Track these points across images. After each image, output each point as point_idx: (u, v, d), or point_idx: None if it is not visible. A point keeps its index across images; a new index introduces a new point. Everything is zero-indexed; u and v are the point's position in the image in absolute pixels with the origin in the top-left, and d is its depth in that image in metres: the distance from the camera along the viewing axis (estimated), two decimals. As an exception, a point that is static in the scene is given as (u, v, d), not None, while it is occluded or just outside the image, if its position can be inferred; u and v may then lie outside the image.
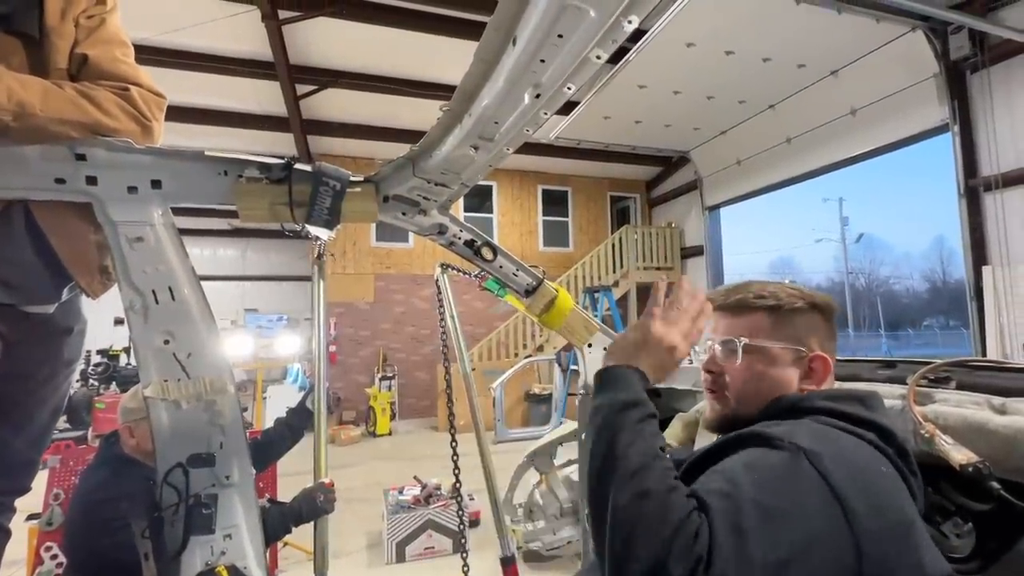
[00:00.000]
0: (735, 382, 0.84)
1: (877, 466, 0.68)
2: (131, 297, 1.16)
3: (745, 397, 0.83)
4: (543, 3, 0.53)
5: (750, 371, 0.83)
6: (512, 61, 0.65)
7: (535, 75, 0.67)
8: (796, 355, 0.84)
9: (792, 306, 0.85)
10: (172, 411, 1.22)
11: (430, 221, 1.35)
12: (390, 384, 8.89)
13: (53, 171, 1.05)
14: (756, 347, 0.83)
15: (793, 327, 0.85)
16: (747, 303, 0.87)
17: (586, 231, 11.40)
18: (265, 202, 1.17)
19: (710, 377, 0.87)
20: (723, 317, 0.89)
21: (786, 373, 0.83)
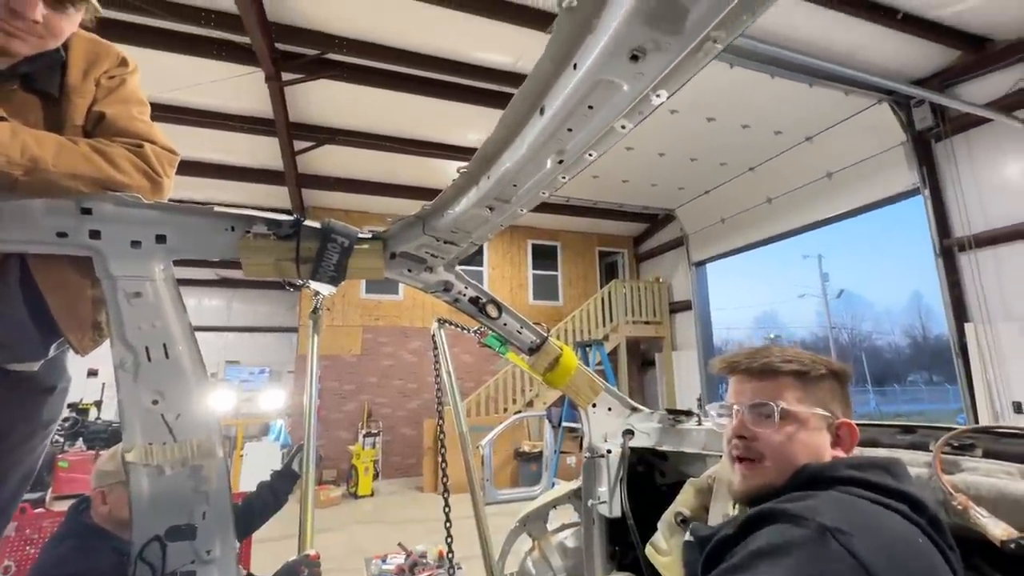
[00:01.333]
0: (772, 449, 0.80)
1: (913, 540, 0.65)
2: (123, 354, 1.11)
3: (782, 465, 0.79)
4: (578, 77, 0.54)
5: (786, 437, 0.80)
6: (538, 129, 0.66)
7: (560, 142, 0.68)
8: (825, 422, 0.82)
9: (818, 372, 0.84)
10: (154, 477, 1.14)
11: (436, 278, 1.34)
12: (374, 441, 8.54)
13: (56, 225, 1.02)
14: (790, 412, 0.81)
15: (820, 393, 0.83)
16: (774, 367, 0.85)
17: (576, 285, 11.51)
18: (271, 258, 1.15)
19: (742, 443, 0.83)
20: (748, 381, 0.86)
21: (819, 439, 0.81)
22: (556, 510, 3.99)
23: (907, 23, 5.15)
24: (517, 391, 9.27)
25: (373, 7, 5.10)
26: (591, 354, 7.82)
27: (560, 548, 4.05)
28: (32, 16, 0.93)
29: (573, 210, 9.99)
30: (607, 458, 1.50)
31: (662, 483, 1.57)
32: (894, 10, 5.05)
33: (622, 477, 1.46)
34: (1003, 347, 5.62)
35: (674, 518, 1.27)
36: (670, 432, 1.50)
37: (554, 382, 1.48)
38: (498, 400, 9.21)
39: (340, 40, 5.58)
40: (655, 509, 1.36)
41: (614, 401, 1.62)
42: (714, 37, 0.47)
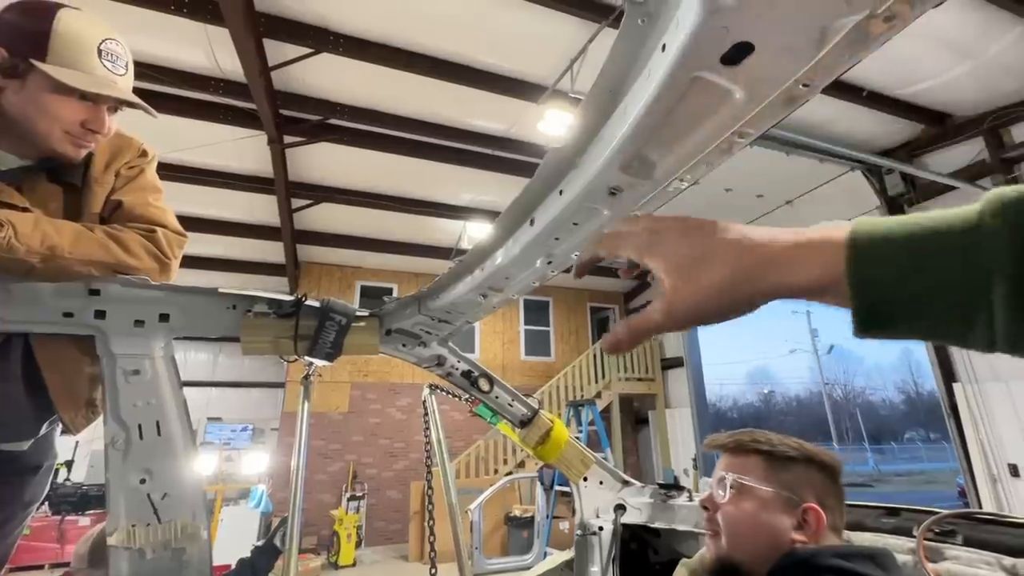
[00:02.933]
0: (725, 522, 0.84)
1: None
2: (115, 432, 1.11)
3: (736, 539, 0.82)
4: (564, 201, 0.61)
5: (740, 511, 0.84)
6: (529, 236, 0.73)
7: (549, 248, 0.74)
8: (788, 503, 0.83)
9: (785, 454, 0.87)
10: (135, 561, 1.10)
11: (429, 353, 1.38)
12: (359, 505, 8.17)
13: (64, 306, 1.06)
14: (746, 487, 0.85)
15: (787, 475, 0.86)
16: (743, 444, 0.90)
17: (567, 340, 11.52)
18: (270, 336, 1.18)
19: (706, 515, 0.88)
20: (724, 456, 0.92)
21: (777, 520, 0.82)
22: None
23: (872, 100, 5.56)
24: (508, 451, 9.03)
25: (373, 77, 5.43)
26: (584, 413, 7.71)
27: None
28: (105, 132, 1.04)
29: None
30: (599, 535, 1.48)
31: (656, 561, 1.54)
32: (859, 88, 5.47)
33: (615, 556, 1.43)
34: (992, 408, 5.65)
35: (668, 602, 1.24)
36: (661, 508, 1.49)
37: (545, 456, 1.48)
38: (488, 461, 8.95)
39: (341, 107, 5.89)
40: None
41: (605, 474, 1.61)
42: (680, 178, 0.54)
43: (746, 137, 0.46)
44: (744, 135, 0.46)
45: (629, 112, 0.46)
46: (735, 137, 0.46)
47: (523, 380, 10.21)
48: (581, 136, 0.52)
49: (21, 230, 0.92)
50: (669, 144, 0.47)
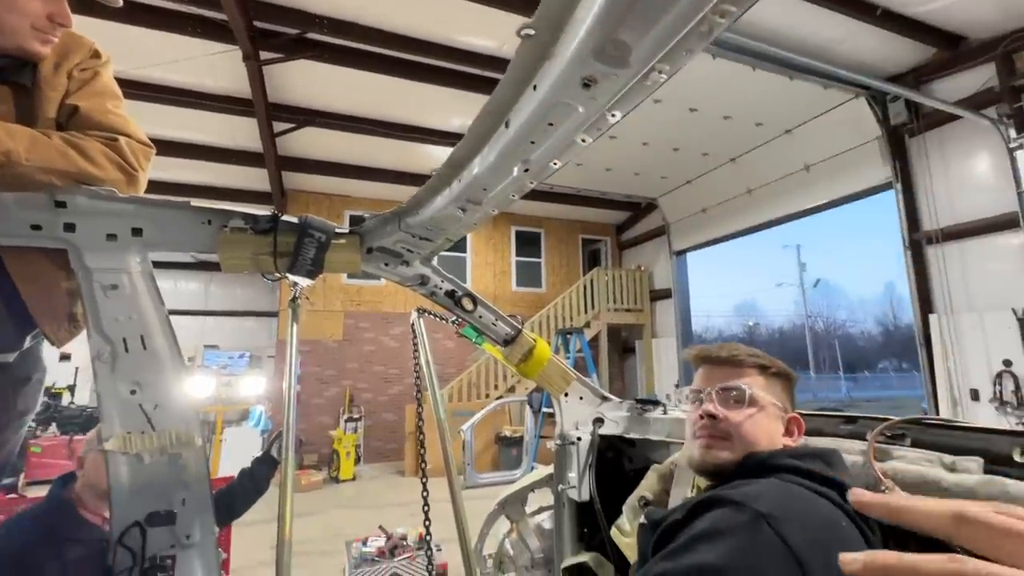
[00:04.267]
0: (736, 429, 0.88)
1: (837, 523, 0.72)
2: (99, 346, 1.13)
3: (744, 444, 0.88)
4: (538, 98, 0.58)
5: (749, 419, 0.89)
6: (504, 141, 0.70)
7: (525, 152, 0.72)
8: (780, 412, 0.92)
9: (776, 369, 0.95)
10: (133, 465, 1.16)
11: (412, 272, 1.38)
12: (356, 426, 8.58)
13: (29, 218, 1.03)
14: (756, 397, 0.90)
15: (776, 387, 0.94)
16: (741, 358, 0.95)
17: (558, 272, 11.60)
18: (248, 252, 1.17)
19: (710, 423, 0.90)
20: (717, 368, 0.96)
21: (775, 426, 0.91)
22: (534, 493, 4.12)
23: (885, 19, 5.24)
24: (499, 377, 9.37)
25: (355, -13, 5.00)
26: (572, 341, 7.93)
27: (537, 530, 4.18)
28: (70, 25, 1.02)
29: (557, 197, 10.01)
30: (577, 445, 1.57)
31: (629, 468, 1.65)
32: (873, 6, 5.13)
33: (591, 463, 1.53)
34: (964, 337, 5.88)
35: (638, 502, 1.35)
36: (638, 420, 1.58)
37: (527, 372, 1.53)
38: (480, 386, 9.30)
39: (321, 19, 5.46)
40: (621, 493, 1.43)
41: (585, 390, 1.68)
42: (659, 69, 0.51)
43: (727, 17, 0.43)
44: (725, 14, 0.42)
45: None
46: (715, 17, 0.43)
47: (514, 311, 10.36)
48: (554, 16, 0.49)
49: (-30, 133, 0.87)
50: (644, 24, 0.44)
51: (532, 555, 4.31)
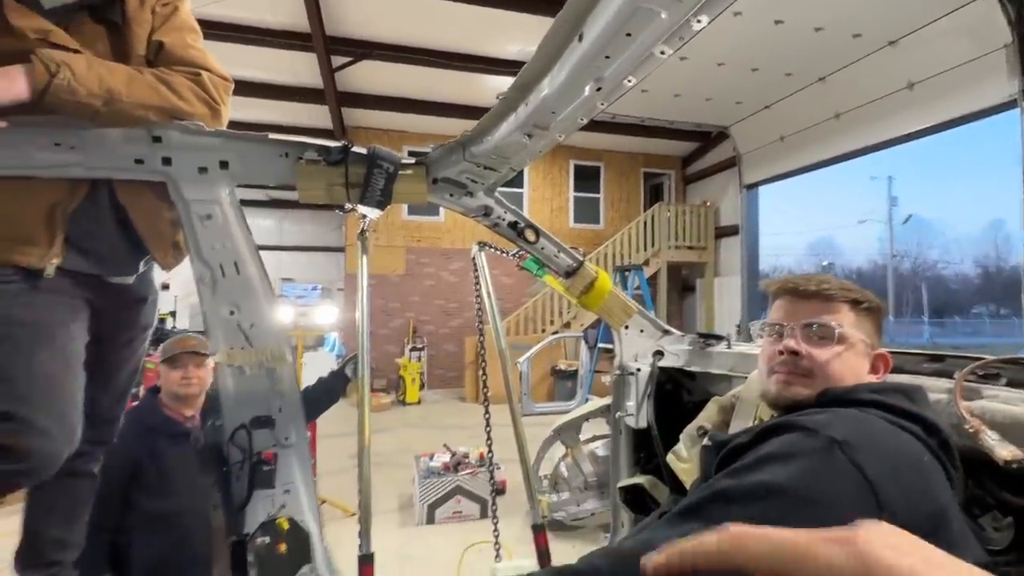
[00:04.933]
0: (820, 366, 0.84)
1: (918, 458, 0.69)
2: (201, 271, 1.25)
3: (827, 382, 0.84)
4: (615, 4, 0.54)
5: (835, 356, 0.84)
6: (577, 56, 0.67)
7: (598, 70, 0.68)
8: (868, 349, 0.87)
9: (868, 303, 0.88)
10: (237, 376, 1.32)
11: (476, 203, 1.39)
12: (419, 355, 9.13)
13: (133, 152, 1.13)
14: (845, 335, 0.85)
15: (866, 323, 0.88)
16: (831, 292, 0.88)
17: (617, 208, 11.23)
18: (323, 183, 1.22)
19: (791, 360, 0.86)
20: (802, 302, 0.89)
21: (861, 364, 0.86)
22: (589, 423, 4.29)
23: None
24: (555, 313, 9.50)
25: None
26: (630, 279, 7.81)
27: (591, 456, 4.38)
28: None
29: (618, 128, 9.49)
30: (636, 376, 1.60)
31: (688, 400, 1.67)
32: None
33: (650, 393, 1.56)
34: (1083, 280, 5.20)
35: (696, 431, 1.37)
36: (699, 354, 1.57)
37: (589, 304, 1.55)
38: (536, 321, 9.49)
39: (374, -59, 5.23)
40: (678, 423, 1.46)
41: (646, 323, 1.68)
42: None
43: None
44: None
45: None
46: None
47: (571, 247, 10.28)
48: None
49: (78, 71, 0.94)
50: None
51: (585, 478, 4.55)
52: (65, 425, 1.07)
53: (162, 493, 1.82)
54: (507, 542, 2.19)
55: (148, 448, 1.81)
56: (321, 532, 1.41)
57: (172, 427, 1.90)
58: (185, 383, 1.89)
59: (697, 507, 0.67)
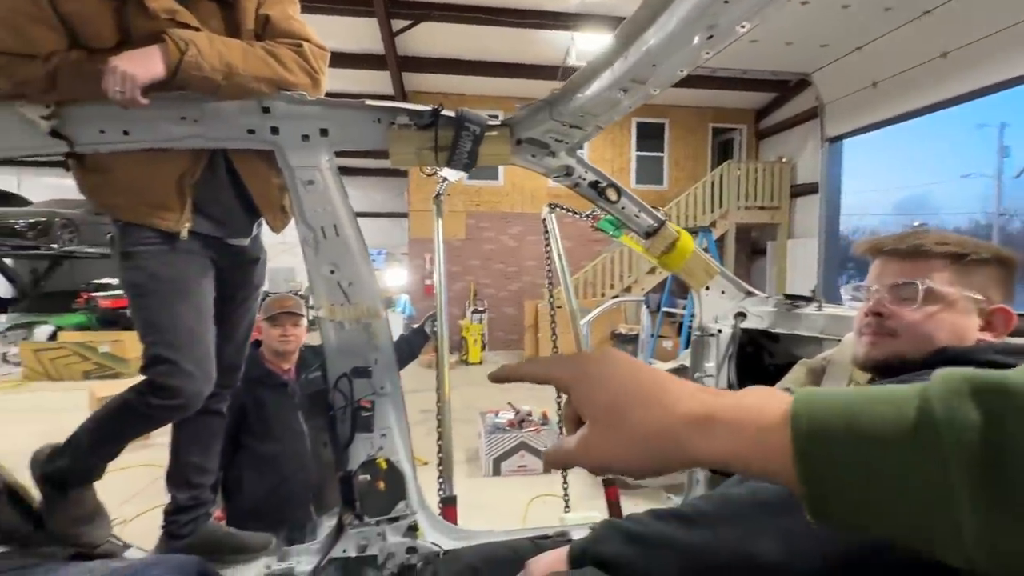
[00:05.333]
0: (906, 326, 0.80)
1: None
2: (305, 232, 1.36)
3: (917, 342, 0.80)
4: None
5: (925, 316, 0.80)
6: (692, 2, 0.65)
7: (714, 16, 0.66)
8: (976, 305, 0.80)
9: (978, 255, 0.80)
10: (338, 330, 1.44)
11: (558, 163, 1.39)
12: (481, 317, 9.38)
13: (246, 123, 1.22)
14: (935, 292, 0.80)
15: (976, 277, 0.80)
16: (924, 248, 0.82)
17: (683, 167, 10.70)
18: (413, 148, 1.27)
19: (875, 321, 0.84)
20: (893, 262, 0.85)
21: (965, 322, 0.80)
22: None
23: None
24: (616, 277, 9.36)
25: None
26: (698, 241, 7.50)
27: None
28: None
29: (686, 81, 8.43)
30: (717, 337, 1.58)
31: (769, 363, 1.63)
32: None
33: (731, 354, 1.54)
34: None
35: (781, 393, 1.35)
36: (786, 316, 1.52)
37: (669, 265, 1.53)
38: (596, 285, 9.41)
39: None
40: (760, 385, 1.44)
41: (728, 284, 1.64)
42: None
43: None
44: None
45: None
46: None
47: (632, 209, 9.99)
48: None
49: (203, 48, 1.02)
50: None
51: (649, 440, 4.59)
52: (204, 369, 1.23)
53: (265, 437, 2.04)
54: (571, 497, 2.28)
55: (252, 397, 2.03)
56: (414, 473, 1.55)
57: (272, 379, 2.11)
58: (284, 340, 2.08)
59: None
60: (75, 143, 1.15)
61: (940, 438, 0.28)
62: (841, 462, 0.31)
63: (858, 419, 0.31)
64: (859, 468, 0.30)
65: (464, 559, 1.21)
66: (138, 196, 1.19)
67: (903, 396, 0.31)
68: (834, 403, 0.32)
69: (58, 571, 1.12)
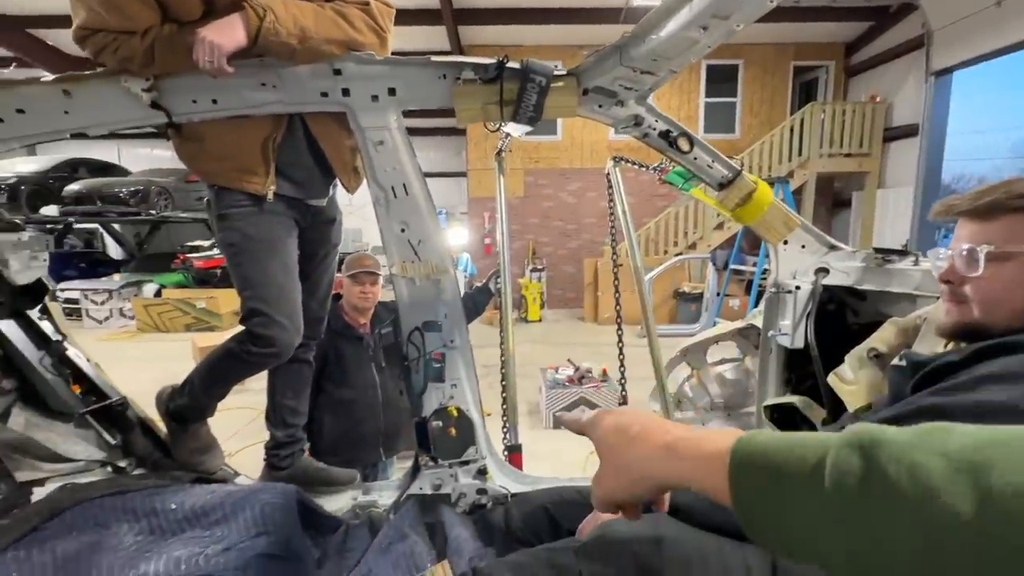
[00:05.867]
0: (980, 292, 0.76)
1: None
2: (376, 192, 1.41)
3: (993, 307, 0.75)
4: None
5: (999, 280, 0.74)
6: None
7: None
8: None
9: None
10: (410, 286, 1.51)
11: (626, 112, 1.34)
12: (539, 275, 9.41)
13: (319, 86, 1.26)
14: (1008, 254, 0.73)
15: None
16: (1001, 204, 0.74)
17: (758, 113, 9.86)
18: (479, 102, 1.26)
19: (947, 288, 0.80)
20: (969, 223, 0.78)
21: None
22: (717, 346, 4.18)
23: None
24: (679, 233, 8.99)
25: None
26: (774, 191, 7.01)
27: (719, 378, 4.31)
28: None
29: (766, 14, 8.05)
30: (795, 294, 1.50)
31: (853, 322, 1.54)
32: None
33: (810, 312, 1.46)
34: None
35: (867, 353, 1.27)
36: (875, 272, 1.41)
37: (744, 217, 1.45)
38: (659, 243, 9.10)
39: None
40: (838, 345, 1.37)
41: (809, 238, 1.54)
42: None
43: None
44: None
45: None
46: None
47: (700, 161, 9.42)
48: None
49: (279, 14, 1.06)
50: None
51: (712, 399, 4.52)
52: (294, 321, 1.34)
53: (341, 384, 2.21)
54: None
55: (333, 347, 2.19)
56: (483, 421, 1.63)
57: (350, 332, 2.25)
58: (363, 297, 2.21)
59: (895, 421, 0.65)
60: (172, 113, 1.25)
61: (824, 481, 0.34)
62: (760, 491, 0.38)
63: (776, 457, 0.38)
64: (771, 498, 0.37)
65: (534, 500, 1.28)
66: (228, 161, 1.28)
67: (819, 442, 0.36)
68: (767, 441, 0.40)
69: (186, 491, 1.31)
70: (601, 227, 9.91)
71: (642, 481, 0.49)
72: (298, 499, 1.34)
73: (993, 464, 0.27)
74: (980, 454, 0.28)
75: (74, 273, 9.85)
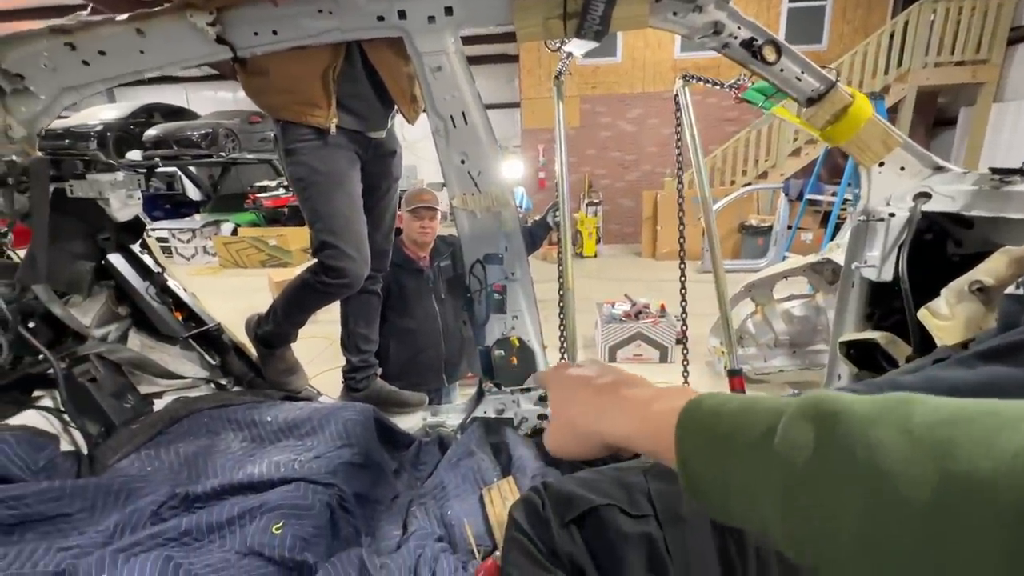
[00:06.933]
0: None
1: None
2: (436, 122, 1.38)
3: None
4: None
5: None
6: None
7: None
8: None
9: None
10: (471, 219, 1.51)
11: (704, 19, 1.20)
12: (595, 210, 9.15)
13: (375, 10, 1.22)
14: None
15: None
16: None
17: (851, 18, 8.60)
18: (540, 17, 1.18)
19: None
20: None
21: None
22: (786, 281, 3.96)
23: None
24: (749, 161, 8.33)
25: None
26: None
27: (785, 315, 4.13)
28: None
29: None
30: (887, 222, 1.36)
31: (955, 252, 1.39)
32: None
33: (904, 242, 1.33)
34: None
35: (968, 286, 1.16)
36: (989, 196, 1.24)
37: (835, 137, 1.30)
38: (725, 172, 8.50)
39: None
40: (933, 279, 1.24)
41: (910, 159, 1.37)
42: None
43: None
44: None
45: None
46: None
47: (777, 79, 8.47)
48: None
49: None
50: None
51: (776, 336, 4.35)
52: (362, 252, 1.39)
53: (403, 314, 2.31)
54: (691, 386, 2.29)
55: (395, 280, 2.27)
56: (543, 351, 1.67)
57: (411, 264, 2.32)
58: (422, 231, 2.25)
59: (1008, 349, 0.60)
60: (236, 47, 1.26)
61: (771, 449, 0.32)
62: (703, 454, 0.37)
63: (726, 420, 0.36)
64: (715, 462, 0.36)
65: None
66: (292, 95, 1.29)
67: (773, 408, 0.34)
68: (720, 403, 0.38)
69: (278, 406, 1.46)
70: (663, 157, 9.35)
71: (586, 437, 0.47)
72: (375, 417, 1.46)
73: (957, 444, 0.24)
74: (943, 431, 0.25)
75: (160, 214, 10.69)
